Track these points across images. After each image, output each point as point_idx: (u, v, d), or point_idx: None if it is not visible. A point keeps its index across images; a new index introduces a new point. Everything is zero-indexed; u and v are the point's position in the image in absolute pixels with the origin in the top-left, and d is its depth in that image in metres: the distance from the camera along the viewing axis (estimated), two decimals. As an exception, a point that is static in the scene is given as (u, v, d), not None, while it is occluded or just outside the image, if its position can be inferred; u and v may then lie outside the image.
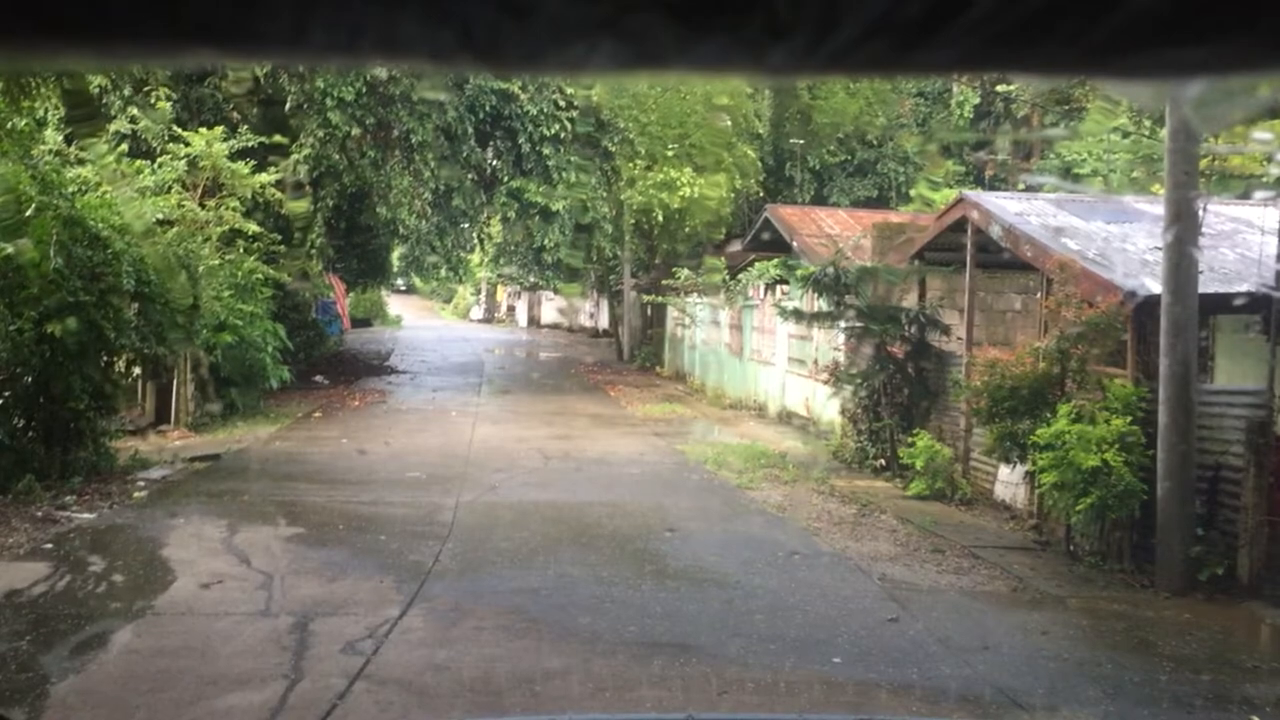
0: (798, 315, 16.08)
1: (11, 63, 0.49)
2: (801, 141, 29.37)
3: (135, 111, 17.97)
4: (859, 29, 0.46)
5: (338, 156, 20.40)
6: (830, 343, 16.90)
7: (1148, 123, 20.94)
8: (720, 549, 9.91)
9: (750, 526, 11.10)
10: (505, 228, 27.40)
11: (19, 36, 0.46)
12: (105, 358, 12.55)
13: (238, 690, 6.07)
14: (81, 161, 14.17)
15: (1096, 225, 12.60)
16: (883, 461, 14.22)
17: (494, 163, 23.47)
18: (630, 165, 25.49)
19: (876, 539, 10.56)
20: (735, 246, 26.28)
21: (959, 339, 14.00)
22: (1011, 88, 27.18)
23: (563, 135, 23.03)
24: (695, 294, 26.51)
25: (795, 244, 19.75)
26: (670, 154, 26.04)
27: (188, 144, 17.13)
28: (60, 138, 14.78)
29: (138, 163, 16.20)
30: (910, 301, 15.02)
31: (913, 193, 27.38)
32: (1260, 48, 0.48)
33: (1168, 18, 0.46)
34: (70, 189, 12.08)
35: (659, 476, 13.85)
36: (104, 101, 18.15)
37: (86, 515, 10.46)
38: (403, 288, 55.85)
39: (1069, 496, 9.38)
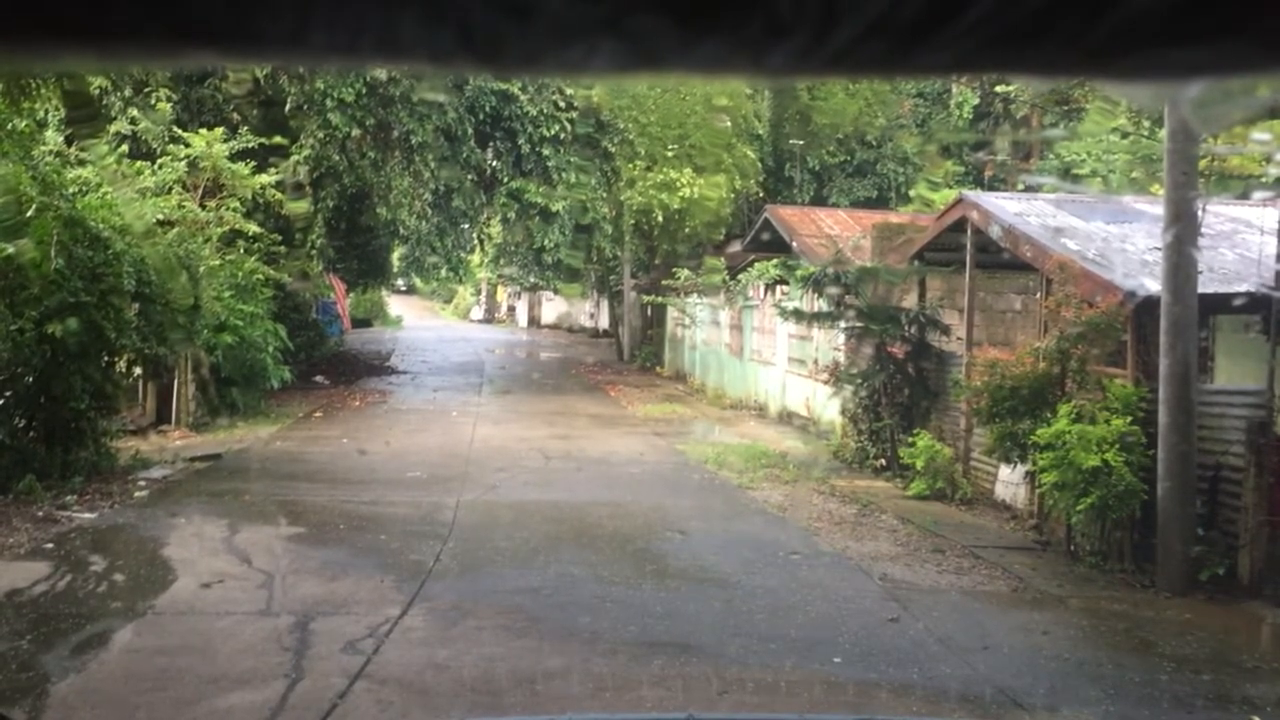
0: (798, 315, 16.09)
1: (11, 63, 0.49)
2: (801, 142, 29.35)
3: (135, 112, 17.99)
4: (859, 29, 0.46)
5: (338, 157, 20.40)
6: (830, 343, 16.90)
7: (1147, 123, 20.92)
8: (721, 549, 9.91)
9: (751, 526, 11.10)
10: (505, 228, 27.40)
11: (19, 36, 0.46)
12: (106, 358, 12.55)
13: (238, 689, 6.07)
14: (82, 162, 14.16)
15: (1096, 225, 12.60)
16: (883, 461, 14.22)
17: (494, 163, 23.47)
18: (630, 166, 25.49)
19: (877, 539, 10.56)
20: (735, 247, 26.28)
21: (959, 339, 14.00)
22: (1011, 88, 27.15)
23: (562, 136, 23.03)
24: (695, 294, 26.51)
25: (795, 244, 19.74)
26: (670, 155, 26.04)
27: (188, 145, 17.15)
28: (61, 138, 14.80)
29: (138, 163, 16.21)
30: (910, 301, 15.02)
31: (912, 193, 27.37)
32: (1260, 48, 0.48)
33: (1168, 18, 0.46)
34: (71, 190, 12.09)
35: (659, 476, 13.85)
36: (104, 102, 18.16)
37: (87, 515, 10.47)
38: (403, 288, 55.82)
39: (1069, 496, 9.38)
